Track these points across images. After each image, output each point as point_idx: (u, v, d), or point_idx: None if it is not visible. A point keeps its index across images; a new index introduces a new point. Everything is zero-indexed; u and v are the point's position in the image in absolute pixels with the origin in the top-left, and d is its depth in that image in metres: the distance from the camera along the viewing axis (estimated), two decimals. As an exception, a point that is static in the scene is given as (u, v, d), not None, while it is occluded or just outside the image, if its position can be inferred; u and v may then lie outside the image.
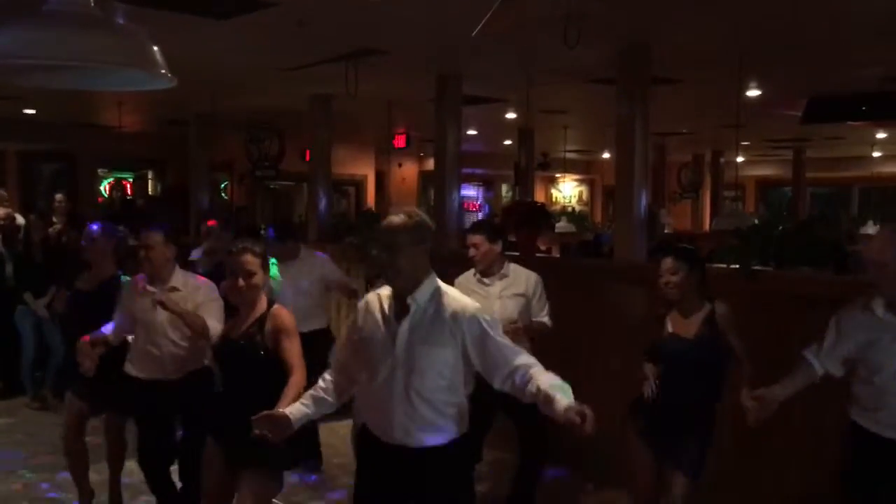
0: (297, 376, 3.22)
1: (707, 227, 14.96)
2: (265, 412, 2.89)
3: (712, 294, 3.64)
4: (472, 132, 12.22)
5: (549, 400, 2.54)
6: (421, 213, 2.80)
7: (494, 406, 2.90)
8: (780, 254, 4.80)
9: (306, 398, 2.93)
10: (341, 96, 7.45)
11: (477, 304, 2.81)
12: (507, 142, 13.72)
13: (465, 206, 17.06)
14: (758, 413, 3.21)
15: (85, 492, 4.65)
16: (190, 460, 4.17)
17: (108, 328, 4.17)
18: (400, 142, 11.41)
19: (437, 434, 2.74)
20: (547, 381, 2.61)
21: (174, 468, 4.27)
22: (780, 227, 5.18)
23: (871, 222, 13.94)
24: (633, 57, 6.07)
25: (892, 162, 15.91)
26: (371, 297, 2.86)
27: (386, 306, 2.78)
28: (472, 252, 4.41)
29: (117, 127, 10.76)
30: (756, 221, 6.61)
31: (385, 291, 2.82)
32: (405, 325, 2.69)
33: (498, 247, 4.42)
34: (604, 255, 8.30)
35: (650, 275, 5.42)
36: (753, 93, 8.31)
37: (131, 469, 4.60)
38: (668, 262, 3.62)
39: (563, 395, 2.53)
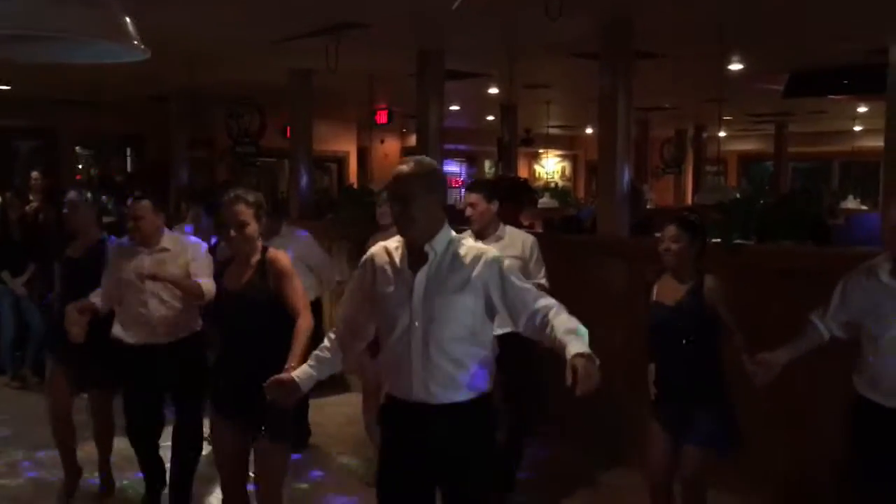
0: (305, 319, 3.18)
1: (689, 202, 15.01)
2: (274, 378, 2.83)
3: (705, 268, 3.63)
4: (454, 108, 12.16)
5: (561, 346, 2.45)
6: (433, 161, 2.72)
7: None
8: (761, 228, 4.82)
9: (312, 360, 2.87)
10: (322, 71, 7.38)
11: (494, 250, 2.73)
12: (490, 117, 13.67)
13: (448, 182, 17.02)
14: (763, 376, 3.20)
15: (71, 471, 4.57)
16: (187, 433, 4.12)
17: (95, 295, 4.10)
18: (382, 118, 11.32)
19: (456, 390, 2.63)
20: (563, 325, 2.52)
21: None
22: (762, 202, 5.21)
23: (851, 196, 14.07)
24: (616, 31, 6.04)
25: (872, 136, 15.95)
26: (377, 249, 2.76)
27: (396, 258, 2.68)
28: (468, 211, 4.37)
29: (96, 103, 10.60)
30: (738, 196, 6.63)
31: (391, 243, 2.73)
32: (422, 274, 2.60)
33: (494, 206, 4.39)
34: (584, 230, 8.30)
35: (634, 250, 5.47)
36: (736, 67, 8.30)
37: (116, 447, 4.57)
38: (671, 230, 3.62)
39: (574, 341, 2.43)
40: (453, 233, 2.71)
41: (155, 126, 12.25)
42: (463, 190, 18.21)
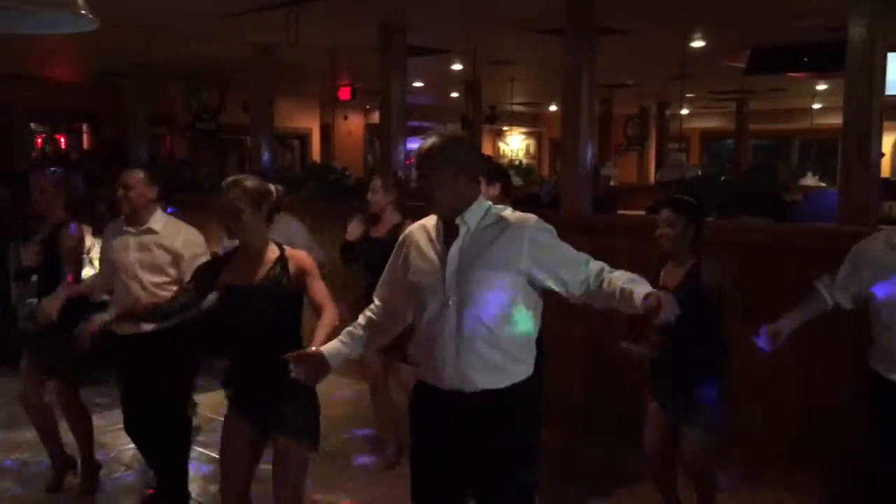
0: (330, 313, 3.01)
1: (652, 179, 15.12)
2: (299, 352, 2.69)
3: (702, 247, 3.56)
4: (418, 84, 12.08)
5: (627, 295, 2.35)
6: (456, 131, 2.59)
7: None
8: (722, 204, 4.87)
9: (344, 335, 2.70)
10: (283, 46, 7.26)
11: (534, 217, 2.54)
12: (454, 94, 13.61)
13: (412, 159, 16.91)
14: (768, 345, 3.17)
15: (57, 461, 4.34)
16: (175, 428, 3.89)
17: (90, 279, 3.94)
18: (345, 94, 11.21)
19: (494, 375, 2.45)
20: (623, 277, 2.40)
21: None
22: (723, 178, 5.27)
23: (810, 173, 14.30)
24: (579, 6, 6.01)
25: (831, 114, 16.22)
26: (414, 227, 2.64)
27: (433, 234, 2.55)
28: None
29: (49, 78, 10.34)
30: (699, 172, 6.69)
31: (429, 221, 2.59)
32: (455, 249, 2.45)
33: (496, 189, 4.06)
34: (542, 207, 8.31)
35: (596, 226, 5.49)
36: (698, 44, 8.34)
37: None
38: (665, 214, 3.52)
39: (640, 287, 2.36)
40: (489, 203, 2.55)
41: (112, 102, 12.00)
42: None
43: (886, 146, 14.71)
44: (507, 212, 2.54)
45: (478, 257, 2.44)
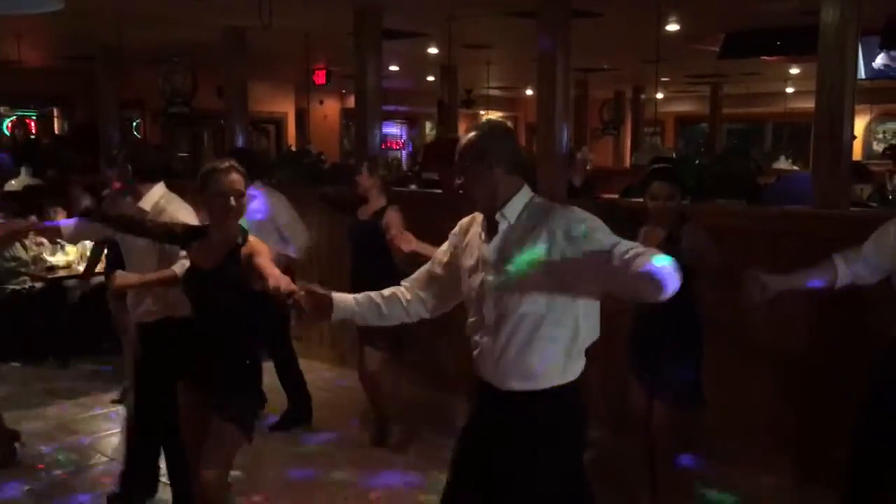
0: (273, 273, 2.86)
1: (628, 163, 15.18)
2: (310, 287, 2.61)
3: (684, 213, 3.56)
4: (394, 68, 12.01)
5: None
6: (495, 123, 2.51)
7: None
8: (696, 187, 4.90)
9: (361, 296, 2.62)
10: (257, 29, 7.17)
11: (574, 208, 2.40)
12: (430, 78, 13.54)
13: (388, 144, 16.86)
14: (754, 295, 3.10)
15: None
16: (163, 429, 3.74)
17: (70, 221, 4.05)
18: (320, 78, 11.13)
19: (529, 377, 2.37)
20: (643, 263, 2.10)
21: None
22: (697, 162, 5.30)
23: (783, 157, 14.43)
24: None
25: (804, 98, 16.32)
26: (465, 220, 2.61)
27: (479, 229, 2.50)
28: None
29: (17, 62, 10.15)
30: (674, 156, 6.72)
31: (479, 215, 2.55)
32: (493, 245, 2.40)
33: None
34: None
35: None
36: (673, 27, 8.35)
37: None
38: (663, 188, 3.45)
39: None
40: (532, 194, 2.46)
41: (82, 86, 11.82)
42: (405, 153, 18.10)
43: (858, 129, 14.87)
44: (547, 204, 2.45)
45: (514, 254, 2.35)
